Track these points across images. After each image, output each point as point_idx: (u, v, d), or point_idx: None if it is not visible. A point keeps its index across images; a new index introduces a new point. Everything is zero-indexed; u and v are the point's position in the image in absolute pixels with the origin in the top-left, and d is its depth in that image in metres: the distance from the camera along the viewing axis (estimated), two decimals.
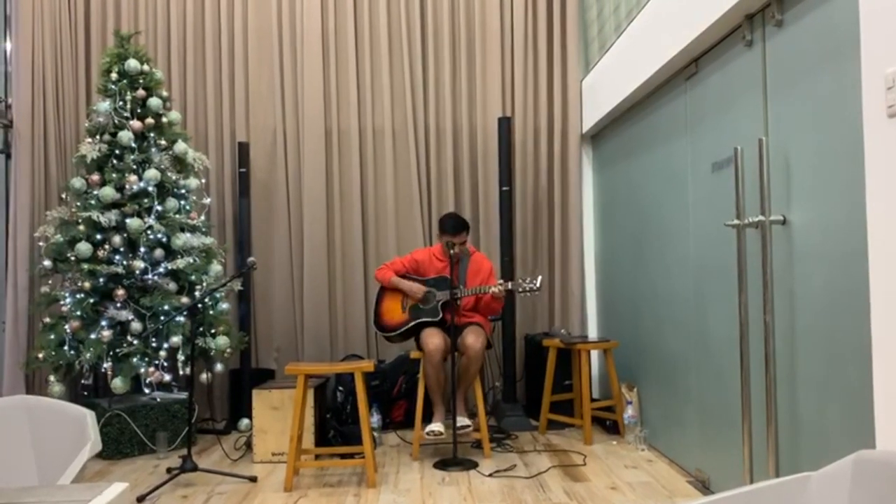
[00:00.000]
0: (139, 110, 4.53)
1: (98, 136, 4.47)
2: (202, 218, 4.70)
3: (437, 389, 4.14)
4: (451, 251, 4.07)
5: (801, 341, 2.53)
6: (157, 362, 4.28)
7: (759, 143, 2.64)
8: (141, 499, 3.37)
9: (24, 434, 2.29)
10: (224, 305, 4.67)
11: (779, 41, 2.68)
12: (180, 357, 4.34)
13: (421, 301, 4.24)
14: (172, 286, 4.44)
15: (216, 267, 4.65)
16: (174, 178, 4.55)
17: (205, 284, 4.53)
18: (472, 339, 4.04)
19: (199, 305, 4.27)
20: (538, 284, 4.04)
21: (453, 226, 4.25)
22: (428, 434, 4.02)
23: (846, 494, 1.50)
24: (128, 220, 4.31)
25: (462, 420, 4.04)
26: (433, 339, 4.03)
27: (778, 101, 2.69)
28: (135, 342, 4.25)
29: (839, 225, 2.29)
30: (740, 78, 2.99)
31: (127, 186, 4.38)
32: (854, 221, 2.21)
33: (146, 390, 4.41)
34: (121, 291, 4.26)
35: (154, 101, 4.53)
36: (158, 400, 4.38)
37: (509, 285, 4.08)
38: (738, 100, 3.00)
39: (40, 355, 4.23)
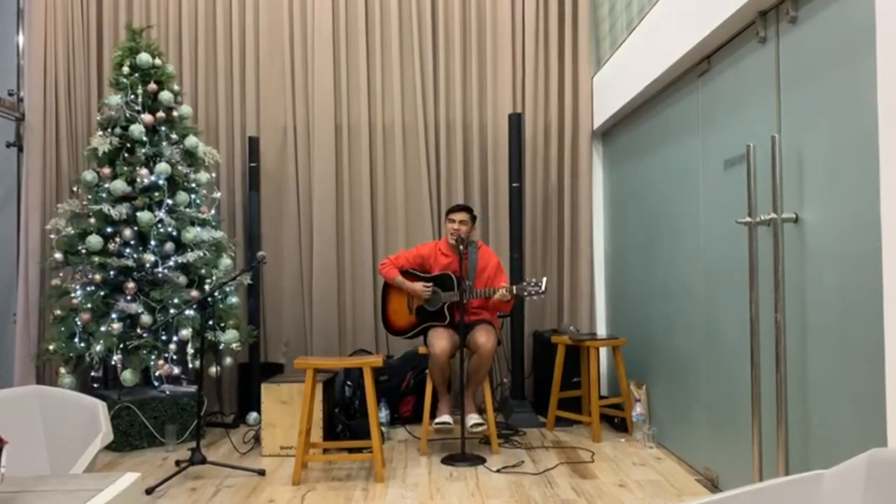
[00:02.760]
0: (150, 104, 4.54)
1: (109, 130, 4.49)
2: (212, 212, 4.72)
3: (444, 383, 4.14)
4: (460, 247, 4.06)
5: (813, 340, 2.52)
6: (166, 355, 4.30)
7: (771, 140, 2.62)
8: (150, 491, 3.39)
9: (36, 424, 2.31)
10: (233, 299, 4.68)
11: (793, 38, 2.66)
12: (190, 350, 4.35)
13: (427, 302, 4.23)
14: (182, 280, 4.45)
15: (226, 261, 4.66)
16: (185, 171, 4.57)
17: (214, 278, 4.55)
18: (484, 338, 4.02)
19: (209, 299, 4.28)
20: (543, 287, 4.00)
21: (455, 206, 4.31)
22: (437, 426, 4.02)
23: (859, 493, 1.49)
24: (138, 214, 4.33)
25: (475, 418, 4.02)
26: (440, 342, 4.02)
27: (791, 99, 2.67)
28: (144, 335, 4.27)
29: (852, 224, 2.28)
30: (753, 75, 2.97)
31: (138, 180, 4.39)
32: (868, 220, 2.19)
33: (155, 383, 4.44)
34: (131, 284, 4.28)
35: (165, 95, 4.54)
36: (168, 393, 4.40)
37: (514, 290, 4.05)
38: (751, 97, 2.98)
39: (51, 347, 4.25)
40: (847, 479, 1.52)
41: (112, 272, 4.31)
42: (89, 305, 4.25)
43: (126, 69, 4.53)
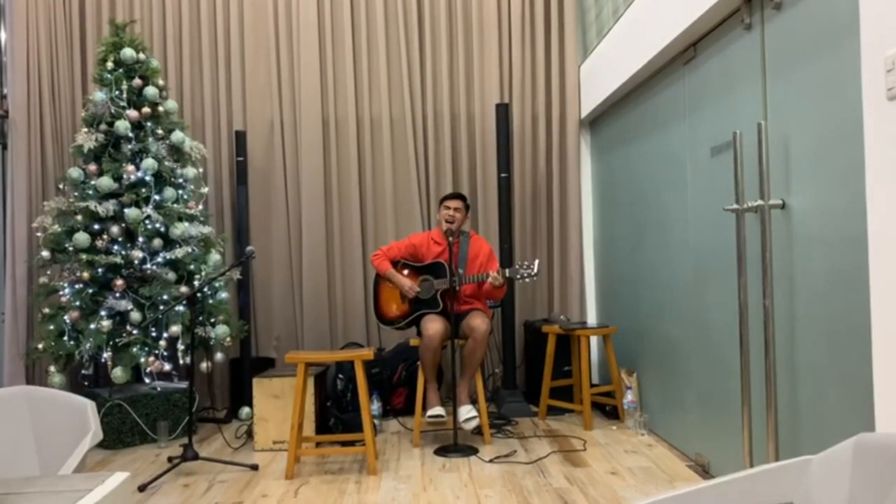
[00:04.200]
0: (136, 100, 4.51)
1: (95, 126, 4.45)
2: (200, 207, 4.69)
3: (433, 370, 4.14)
4: (450, 237, 4.06)
5: (801, 326, 2.54)
6: (156, 352, 4.28)
7: (758, 127, 2.63)
8: (142, 488, 3.38)
9: (25, 424, 2.30)
10: (223, 294, 4.67)
11: (778, 24, 2.67)
12: (180, 346, 4.34)
13: (419, 290, 4.23)
14: (171, 276, 4.43)
15: (215, 256, 4.64)
16: (172, 167, 4.54)
17: (204, 274, 4.53)
18: (478, 321, 4.03)
19: (199, 295, 4.27)
20: (535, 270, 4.02)
21: (450, 194, 4.33)
22: (430, 418, 4.03)
23: (847, 477, 1.50)
24: (126, 210, 4.30)
25: (469, 410, 4.02)
26: (433, 324, 4.03)
27: (777, 85, 2.68)
28: (134, 332, 4.25)
29: (839, 209, 2.29)
30: (739, 62, 2.97)
31: (124, 176, 4.36)
32: (854, 205, 2.20)
33: (146, 380, 4.42)
34: (119, 281, 4.26)
35: (150, 91, 4.51)
36: (159, 389, 4.38)
37: (507, 272, 4.06)
38: (737, 84, 2.99)
39: (40, 346, 4.23)
40: (834, 464, 1.54)
41: (100, 269, 4.29)
42: (78, 303, 4.23)
43: (110, 65, 4.49)
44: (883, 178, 2.01)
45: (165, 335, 4.30)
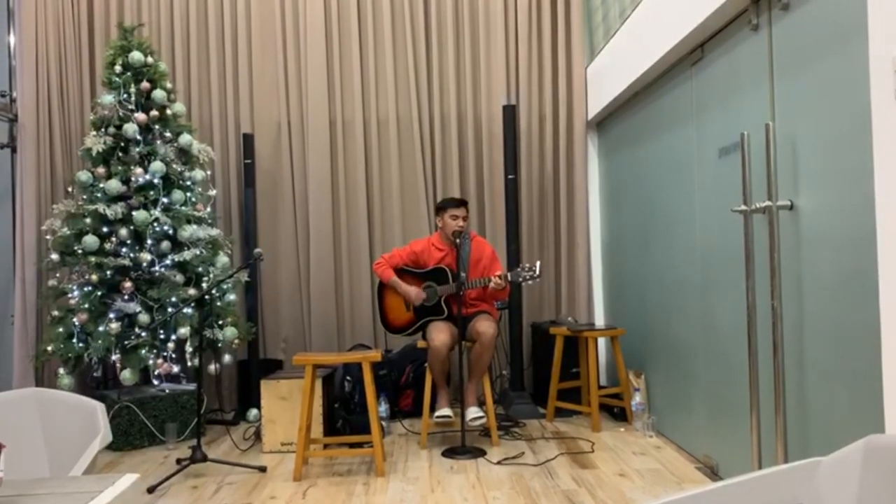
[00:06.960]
0: (144, 103, 4.53)
1: (103, 129, 4.48)
2: (208, 209, 4.71)
3: (443, 376, 4.14)
4: (456, 240, 4.05)
5: (810, 327, 2.53)
6: (165, 354, 4.30)
7: (766, 128, 2.62)
8: (151, 490, 3.39)
9: (35, 426, 2.31)
10: (231, 297, 4.68)
11: (785, 25, 2.66)
12: (188, 348, 4.35)
13: (423, 298, 4.23)
14: (179, 278, 4.45)
15: (223, 258, 4.65)
16: (180, 170, 4.56)
17: (212, 276, 4.54)
18: (485, 325, 4.03)
19: (207, 297, 4.28)
20: (538, 271, 4.01)
21: (455, 201, 4.27)
22: (437, 419, 4.03)
23: (856, 479, 1.50)
24: (134, 213, 4.32)
25: (476, 411, 4.03)
26: (439, 335, 4.01)
27: (785, 86, 2.67)
28: (143, 334, 4.26)
29: (847, 210, 2.28)
30: (747, 63, 2.97)
31: (133, 179, 4.38)
32: (862, 206, 2.19)
33: (155, 382, 4.44)
34: (128, 284, 4.28)
35: (158, 94, 4.53)
36: (167, 391, 4.39)
37: (509, 276, 4.05)
38: (745, 85, 2.98)
39: (49, 348, 4.25)
40: (844, 466, 1.53)
41: (109, 272, 4.31)
42: (86, 305, 4.25)
43: (118, 68, 4.51)
44: (891, 179, 2.00)
45: (174, 337, 4.32)
